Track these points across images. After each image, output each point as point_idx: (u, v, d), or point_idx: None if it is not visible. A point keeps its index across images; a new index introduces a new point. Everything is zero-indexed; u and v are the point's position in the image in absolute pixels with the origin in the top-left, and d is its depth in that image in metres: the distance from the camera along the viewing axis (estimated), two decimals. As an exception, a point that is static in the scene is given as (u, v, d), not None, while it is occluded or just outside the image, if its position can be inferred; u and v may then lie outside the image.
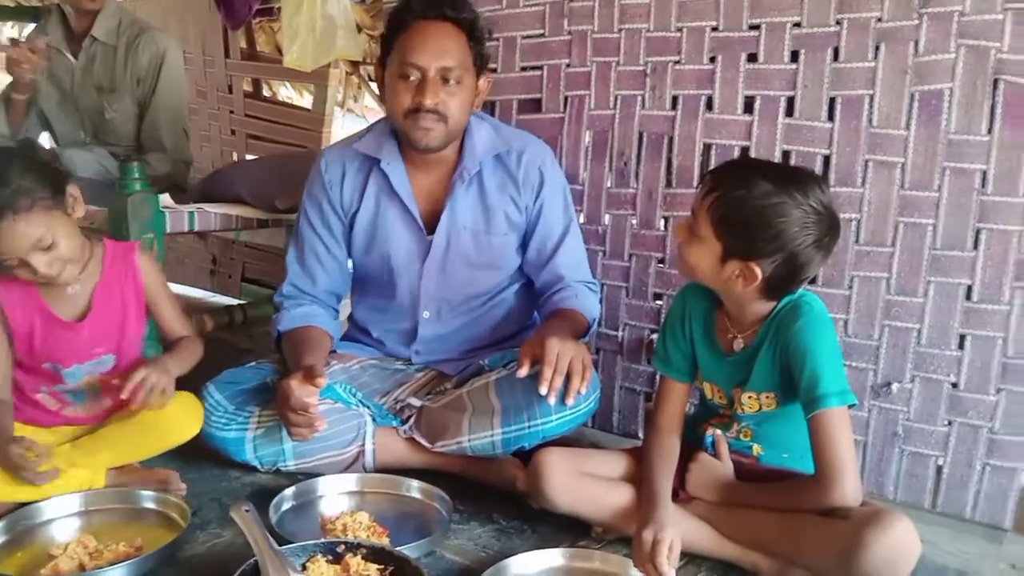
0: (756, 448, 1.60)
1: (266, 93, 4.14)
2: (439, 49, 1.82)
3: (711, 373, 1.64)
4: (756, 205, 1.41)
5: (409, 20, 1.84)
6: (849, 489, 1.41)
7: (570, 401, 1.66)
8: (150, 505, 1.68)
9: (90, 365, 1.75)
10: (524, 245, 2.03)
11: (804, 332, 1.46)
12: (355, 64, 3.86)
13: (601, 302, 2.11)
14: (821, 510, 1.42)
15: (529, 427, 1.74)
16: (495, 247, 2.00)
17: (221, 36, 3.66)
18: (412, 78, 1.82)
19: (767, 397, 1.56)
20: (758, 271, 1.44)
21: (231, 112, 3.71)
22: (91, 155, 2.67)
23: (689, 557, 1.53)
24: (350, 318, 2.21)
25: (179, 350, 1.81)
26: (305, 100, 4.81)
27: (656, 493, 1.50)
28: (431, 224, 1.98)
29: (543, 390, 1.63)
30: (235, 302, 3.48)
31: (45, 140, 2.90)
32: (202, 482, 1.85)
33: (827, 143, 1.84)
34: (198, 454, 1.88)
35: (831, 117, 1.84)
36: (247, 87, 3.74)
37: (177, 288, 4.00)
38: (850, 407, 1.44)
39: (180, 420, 1.78)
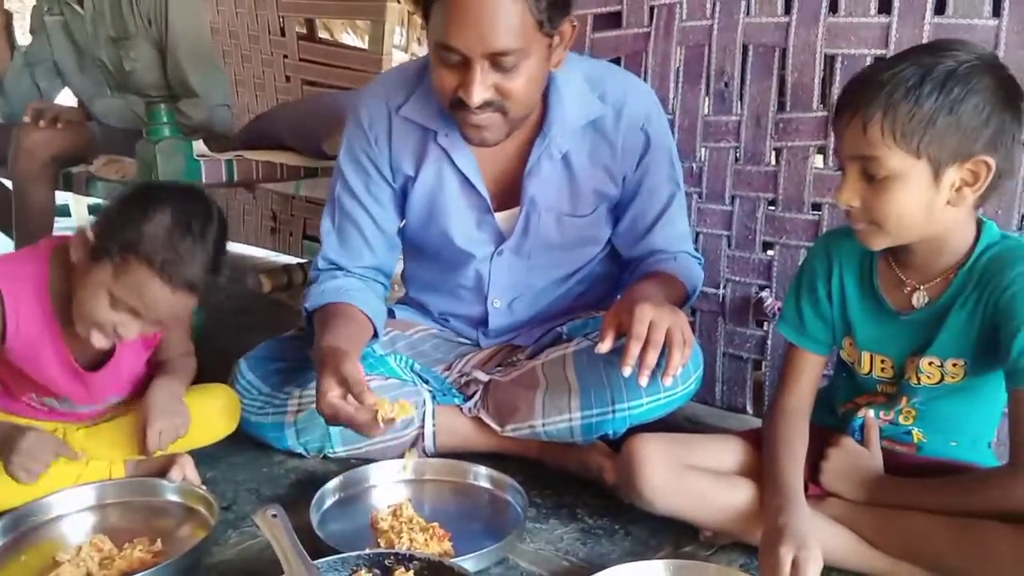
0: (917, 434, 1.27)
1: (323, 36, 3.89)
2: (485, 27, 1.33)
3: (874, 340, 1.29)
4: (936, 88, 1.08)
5: None
6: None
7: (668, 381, 1.33)
8: (174, 498, 1.46)
9: (96, 405, 1.52)
10: (616, 214, 1.69)
11: None
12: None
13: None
14: (1011, 512, 1.10)
15: (613, 412, 1.46)
16: (581, 226, 1.66)
17: (271, -26, 3.42)
18: (454, 61, 1.39)
19: (953, 365, 1.22)
20: (990, 160, 1.10)
21: (285, 57, 3.49)
22: (123, 102, 2.45)
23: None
24: (406, 292, 1.92)
25: (178, 369, 1.53)
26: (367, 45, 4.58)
27: (787, 492, 1.20)
28: (504, 200, 1.63)
29: (626, 371, 1.30)
30: (296, 261, 3.29)
31: (65, 97, 2.70)
32: (240, 468, 1.62)
33: (992, 44, 1.46)
34: (238, 434, 1.63)
35: (997, 12, 1.46)
36: (300, 28, 3.49)
37: (237, 247, 3.87)
38: None
39: (215, 417, 1.57)
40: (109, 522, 1.41)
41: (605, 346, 1.34)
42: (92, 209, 3.89)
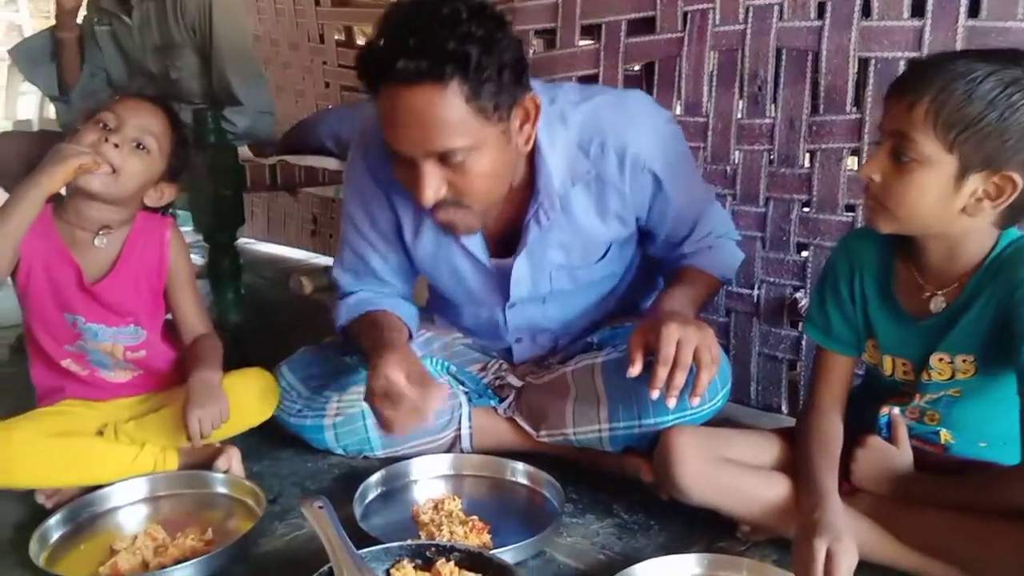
0: (944, 435, 1.27)
1: (361, 43, 3.95)
2: (421, 128, 1.24)
3: (894, 343, 1.30)
4: (996, 91, 1.06)
5: (377, 83, 1.27)
6: None
7: (695, 402, 1.31)
8: (223, 490, 1.52)
9: (115, 330, 1.58)
10: (647, 236, 1.63)
11: None
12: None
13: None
14: None
15: (640, 426, 1.46)
16: (597, 270, 1.61)
17: (310, -18, 3.49)
18: (404, 156, 1.31)
19: (963, 361, 1.22)
20: (1018, 179, 1.08)
21: (324, 63, 3.55)
22: (174, 113, 2.51)
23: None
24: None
25: (209, 356, 1.59)
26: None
27: (821, 488, 1.21)
28: (511, 245, 1.55)
29: (655, 394, 1.29)
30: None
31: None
32: (285, 462, 1.67)
33: (1026, 47, 1.46)
34: (282, 430, 1.69)
35: (1032, 14, 1.47)
36: (339, 36, 3.55)
37: (277, 249, 3.94)
38: None
39: (256, 401, 1.61)
40: (162, 513, 1.47)
41: (636, 370, 1.31)
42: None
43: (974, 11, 1.52)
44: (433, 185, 1.30)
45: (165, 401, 1.60)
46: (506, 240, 1.54)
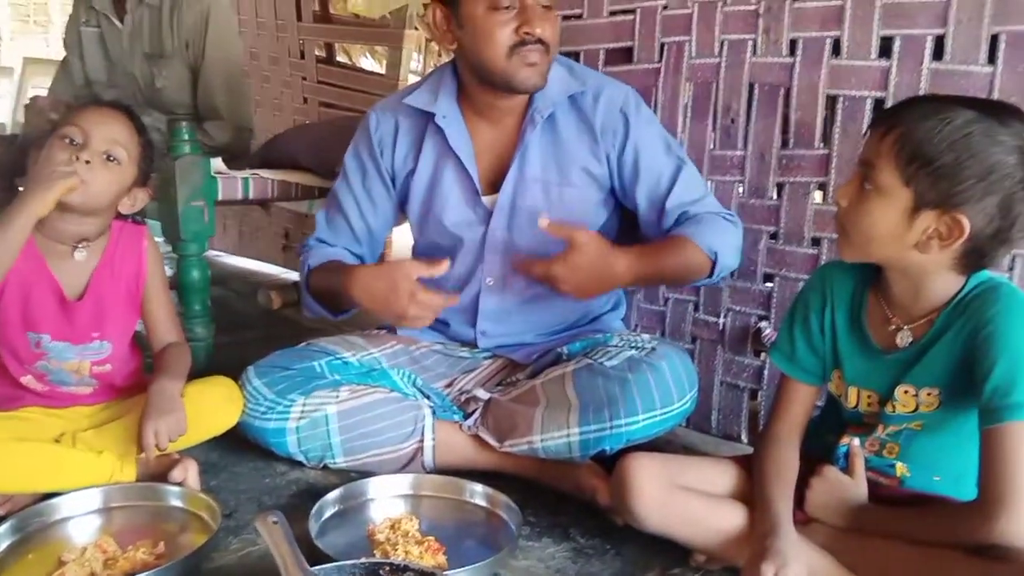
0: (900, 468, 1.29)
1: (342, 59, 3.96)
2: None
3: (860, 375, 1.32)
4: (961, 134, 1.10)
5: None
6: (1022, 523, 1.09)
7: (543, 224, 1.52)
8: (178, 503, 1.49)
9: (82, 348, 1.56)
10: (631, 203, 1.73)
11: (1004, 320, 1.14)
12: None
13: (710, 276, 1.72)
14: (976, 545, 1.12)
15: (611, 428, 1.49)
16: (569, 200, 1.72)
17: (293, -1, 3.50)
18: (508, 4, 1.57)
19: (928, 394, 1.24)
20: (966, 223, 1.12)
21: (303, 79, 3.57)
22: (147, 119, 2.49)
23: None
24: None
25: (173, 365, 1.59)
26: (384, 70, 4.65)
27: (775, 516, 1.22)
28: (496, 183, 1.72)
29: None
30: (305, 278, 3.34)
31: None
32: (243, 477, 1.65)
33: (987, 92, 1.50)
34: (242, 445, 1.68)
35: (992, 59, 1.50)
36: (320, 52, 3.57)
37: (248, 262, 3.92)
38: None
39: (217, 409, 1.60)
40: (115, 524, 1.44)
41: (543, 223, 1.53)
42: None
43: (938, 54, 1.56)
44: (543, 15, 1.59)
45: (126, 410, 1.59)
46: (494, 177, 1.73)
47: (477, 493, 1.54)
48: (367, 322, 2.05)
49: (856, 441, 1.31)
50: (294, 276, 3.54)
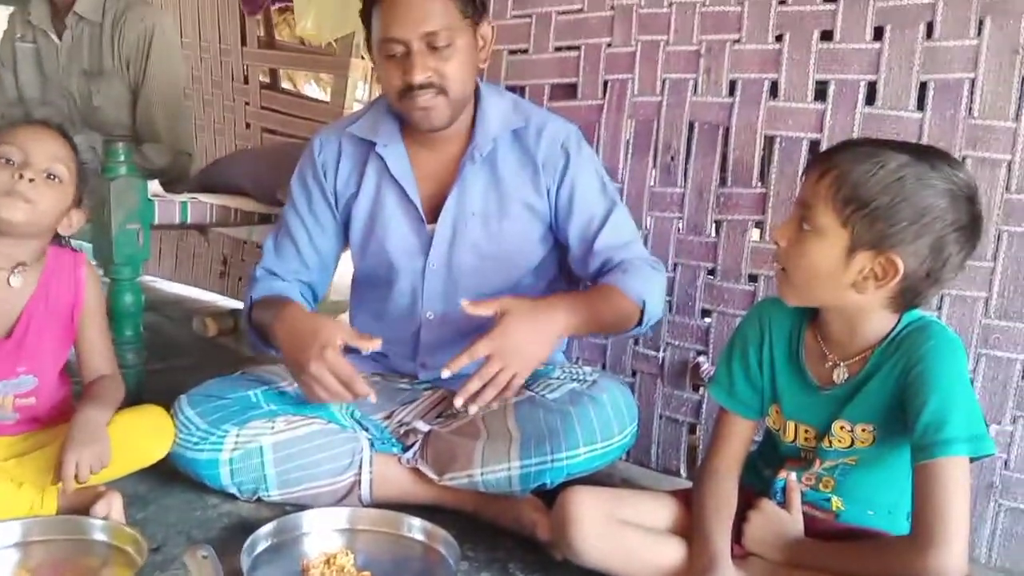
0: (836, 502, 1.31)
1: (286, 86, 3.94)
2: (417, 14, 1.54)
3: (798, 410, 1.34)
4: (895, 177, 1.14)
5: None
6: (954, 558, 1.11)
7: (466, 406, 1.46)
8: (102, 537, 1.42)
9: (4, 384, 1.50)
10: (563, 238, 1.74)
11: (934, 358, 1.17)
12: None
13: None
14: None
15: (552, 461, 1.49)
16: (508, 234, 1.72)
17: (238, 23, 3.49)
18: (397, 54, 1.57)
19: (863, 430, 1.26)
20: (899, 263, 1.15)
21: (246, 104, 3.54)
22: (82, 138, 2.40)
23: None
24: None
25: (103, 396, 1.54)
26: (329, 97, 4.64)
27: (713, 551, 1.23)
28: (437, 212, 1.72)
29: (458, 402, 1.46)
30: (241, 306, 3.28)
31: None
32: (173, 510, 1.60)
33: (916, 136, 1.56)
34: (172, 476, 1.63)
35: (921, 106, 1.56)
36: (264, 78, 3.54)
37: (183, 289, 3.84)
38: (977, 459, 1.15)
39: (146, 438, 1.55)
40: (34, 559, 1.37)
41: (447, 372, 1.45)
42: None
43: (871, 99, 1.61)
44: (423, 63, 1.55)
45: (50, 439, 1.52)
46: (435, 206, 1.72)
47: (415, 527, 1.51)
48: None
49: (793, 475, 1.33)
50: (232, 303, 3.48)
